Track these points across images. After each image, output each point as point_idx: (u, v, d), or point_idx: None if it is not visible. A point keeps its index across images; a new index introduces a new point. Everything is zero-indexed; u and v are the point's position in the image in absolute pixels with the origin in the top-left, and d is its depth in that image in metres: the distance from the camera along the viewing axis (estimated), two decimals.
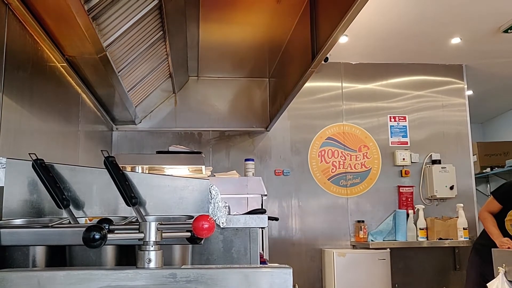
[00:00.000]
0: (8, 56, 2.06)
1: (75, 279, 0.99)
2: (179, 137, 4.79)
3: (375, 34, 4.23)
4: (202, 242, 1.22)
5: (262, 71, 4.79)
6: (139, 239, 1.06)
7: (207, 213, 1.44)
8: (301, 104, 4.81)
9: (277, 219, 3.88)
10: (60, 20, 2.24)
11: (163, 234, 1.07)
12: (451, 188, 4.73)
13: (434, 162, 4.84)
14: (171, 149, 3.68)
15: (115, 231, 1.09)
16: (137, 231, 1.07)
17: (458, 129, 4.97)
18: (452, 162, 4.85)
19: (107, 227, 1.08)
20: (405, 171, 4.82)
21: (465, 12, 3.80)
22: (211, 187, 1.47)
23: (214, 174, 4.02)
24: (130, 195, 1.34)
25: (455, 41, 4.37)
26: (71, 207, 1.43)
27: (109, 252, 1.26)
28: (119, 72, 3.14)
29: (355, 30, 3.92)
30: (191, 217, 1.34)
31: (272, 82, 4.84)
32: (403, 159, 4.82)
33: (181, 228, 1.13)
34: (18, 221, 1.41)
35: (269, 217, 1.71)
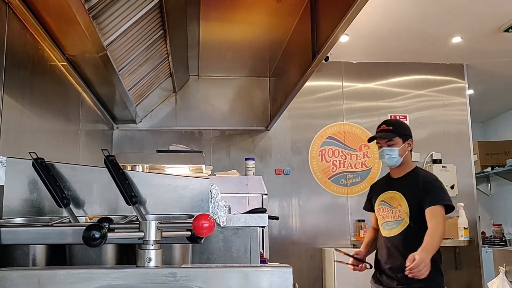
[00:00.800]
0: (8, 55, 2.06)
1: (75, 278, 0.99)
2: (179, 136, 4.78)
3: (376, 33, 4.22)
4: (202, 241, 1.22)
5: (263, 70, 4.79)
6: (139, 238, 1.06)
7: (207, 212, 1.44)
8: (301, 103, 4.80)
9: (277, 218, 3.87)
10: (61, 19, 2.24)
11: (163, 233, 1.07)
12: (452, 187, 4.73)
13: (435, 161, 4.83)
14: (172, 148, 3.68)
15: (115, 230, 1.09)
16: (137, 230, 1.07)
17: (459, 128, 4.97)
18: (452, 161, 4.84)
19: (107, 226, 1.08)
20: None
21: (466, 12, 3.79)
22: (211, 186, 1.47)
23: (215, 173, 4.02)
24: (130, 194, 1.34)
25: (456, 40, 4.36)
26: (71, 206, 1.43)
27: (109, 251, 1.26)
28: (119, 71, 3.14)
29: (356, 29, 3.92)
30: (191, 216, 1.34)
31: (272, 81, 4.84)
32: None
33: (181, 227, 1.13)
34: (18, 220, 1.41)
35: (269, 216, 1.70)
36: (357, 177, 4.83)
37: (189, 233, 1.10)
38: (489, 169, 6.20)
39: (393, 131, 2.70)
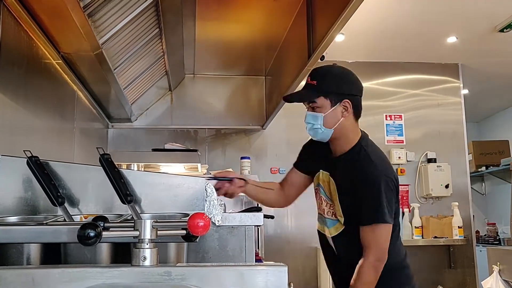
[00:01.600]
0: (2, 53, 2.04)
1: (69, 276, 0.99)
2: (175, 134, 4.78)
3: (371, 32, 4.23)
4: (198, 240, 1.22)
5: (259, 69, 4.79)
6: (134, 237, 1.06)
7: (202, 211, 1.44)
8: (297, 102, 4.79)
9: (272, 217, 3.87)
10: (56, 17, 2.23)
11: (158, 232, 1.07)
12: (447, 186, 4.75)
13: (430, 160, 4.85)
14: (167, 146, 3.68)
15: (110, 229, 1.09)
16: (132, 228, 1.06)
17: (453, 128, 4.98)
18: (447, 160, 4.86)
19: (102, 224, 1.07)
20: (401, 169, 4.83)
21: (461, 11, 3.81)
22: (207, 185, 1.47)
23: (210, 172, 4.01)
24: (125, 193, 1.33)
25: (451, 40, 4.37)
26: (66, 204, 1.42)
27: (104, 249, 1.26)
28: (115, 70, 3.13)
29: (352, 28, 3.92)
30: (187, 215, 1.34)
31: (268, 80, 4.84)
32: (399, 157, 4.83)
33: (176, 226, 1.13)
34: (13, 219, 1.41)
35: (264, 215, 1.71)
36: None
37: (184, 232, 1.10)
38: (483, 168, 6.23)
39: (317, 87, 1.91)
